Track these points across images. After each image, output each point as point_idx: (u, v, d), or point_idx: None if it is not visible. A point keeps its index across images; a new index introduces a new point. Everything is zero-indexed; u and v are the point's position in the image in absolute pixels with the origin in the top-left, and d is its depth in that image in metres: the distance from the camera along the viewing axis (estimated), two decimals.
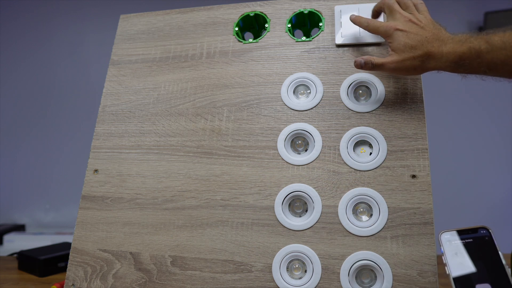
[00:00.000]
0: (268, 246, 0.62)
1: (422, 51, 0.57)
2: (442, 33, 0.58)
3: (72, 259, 0.69)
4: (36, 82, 2.27)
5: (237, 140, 0.69)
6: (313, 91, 0.69)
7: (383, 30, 0.61)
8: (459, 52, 0.56)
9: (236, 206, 0.65)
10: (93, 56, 2.23)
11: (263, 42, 0.74)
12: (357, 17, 0.66)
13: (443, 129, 1.95)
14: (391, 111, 0.64)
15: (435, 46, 0.57)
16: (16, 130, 2.25)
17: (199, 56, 0.76)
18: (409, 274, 0.56)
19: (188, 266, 0.64)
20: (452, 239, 0.50)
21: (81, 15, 2.27)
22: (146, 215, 0.69)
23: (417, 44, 0.58)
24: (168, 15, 0.82)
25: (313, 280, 0.59)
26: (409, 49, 0.58)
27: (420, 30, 0.59)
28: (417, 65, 0.58)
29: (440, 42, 0.57)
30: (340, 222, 0.61)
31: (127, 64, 0.80)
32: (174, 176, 0.70)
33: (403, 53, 0.59)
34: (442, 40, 0.57)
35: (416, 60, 0.58)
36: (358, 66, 0.63)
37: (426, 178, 0.60)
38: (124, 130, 0.75)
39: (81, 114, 2.09)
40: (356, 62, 0.63)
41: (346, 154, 0.64)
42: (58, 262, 0.88)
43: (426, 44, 0.57)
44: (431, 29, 0.59)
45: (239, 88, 0.72)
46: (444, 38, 0.58)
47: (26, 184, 2.24)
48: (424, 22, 0.60)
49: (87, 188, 0.73)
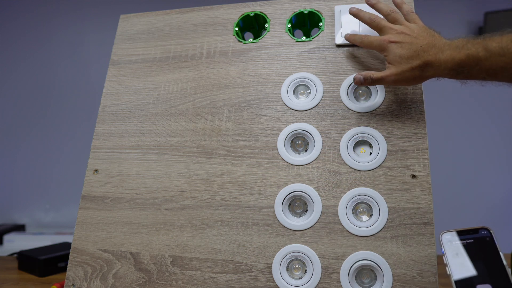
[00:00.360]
0: (268, 246, 0.62)
1: (420, 61, 0.57)
2: (437, 39, 0.58)
3: (72, 259, 0.69)
4: (36, 82, 2.27)
5: (237, 140, 0.69)
6: (313, 91, 0.69)
7: (377, 44, 0.61)
8: (457, 60, 0.55)
9: (236, 206, 0.65)
10: (93, 56, 2.23)
11: (263, 42, 0.74)
12: (351, 34, 0.67)
13: (443, 129, 1.95)
14: (391, 111, 0.64)
15: (432, 54, 0.57)
16: (16, 130, 2.25)
17: (199, 56, 0.76)
18: (409, 274, 0.56)
19: (188, 266, 0.64)
20: (453, 240, 0.50)
21: (81, 15, 2.27)
22: (146, 215, 0.69)
23: (413, 54, 0.58)
24: (168, 15, 0.82)
25: (313, 280, 0.59)
26: (406, 60, 0.58)
27: (413, 39, 0.58)
28: (416, 75, 0.58)
29: (436, 49, 0.57)
30: (340, 222, 0.61)
31: (127, 64, 0.80)
32: (174, 176, 0.70)
33: (401, 65, 0.58)
34: (438, 47, 0.57)
35: (415, 71, 0.58)
36: (358, 83, 0.63)
37: (426, 178, 0.60)
38: (124, 130, 0.75)
39: (81, 114, 2.09)
40: (356, 79, 0.62)
41: (346, 154, 0.64)
42: (58, 262, 0.88)
43: (422, 54, 0.57)
44: (425, 37, 0.58)
45: (239, 88, 0.72)
46: (440, 45, 0.57)
47: (26, 184, 2.24)
48: (416, 31, 0.59)
49: (87, 188, 0.73)
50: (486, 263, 0.47)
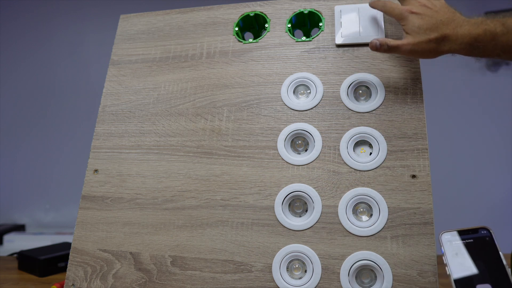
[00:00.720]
0: (268, 246, 0.62)
1: (438, 33, 0.58)
2: (457, 16, 0.59)
3: (72, 259, 0.69)
4: (36, 82, 2.26)
5: (237, 140, 0.69)
6: (313, 91, 0.69)
7: (398, 12, 0.61)
8: (474, 34, 0.56)
9: (236, 206, 0.65)
10: (93, 56, 2.23)
11: (263, 42, 0.74)
12: (375, 0, 0.66)
13: (443, 129, 1.95)
14: (391, 111, 0.64)
15: (450, 28, 0.57)
16: (16, 130, 2.25)
17: (199, 56, 0.76)
18: (409, 274, 0.56)
19: (188, 266, 0.64)
20: (452, 240, 0.50)
21: (81, 15, 2.27)
22: (146, 215, 0.69)
23: (432, 27, 0.58)
24: (168, 15, 0.82)
25: (313, 280, 0.59)
26: (424, 32, 0.58)
27: (434, 13, 0.59)
28: (432, 47, 0.58)
29: (455, 24, 0.58)
30: (340, 222, 0.61)
31: (127, 64, 0.80)
32: (174, 176, 0.70)
33: (418, 35, 0.59)
34: (457, 22, 0.58)
35: (431, 43, 0.58)
36: (373, 48, 0.62)
37: (426, 178, 0.60)
38: (124, 130, 0.75)
39: (81, 114, 2.08)
40: (372, 44, 0.62)
41: (346, 154, 0.64)
42: (58, 262, 0.88)
43: (441, 27, 0.58)
44: (445, 12, 0.59)
45: (239, 88, 0.72)
46: (459, 20, 0.58)
47: (26, 184, 2.24)
48: (438, 6, 0.60)
49: (87, 188, 0.73)
50: (486, 263, 0.47)
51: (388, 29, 0.69)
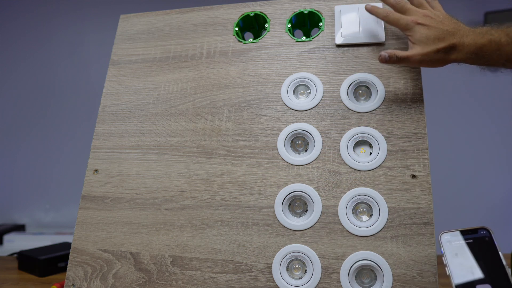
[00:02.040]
0: (268, 246, 0.62)
1: (446, 43, 0.58)
2: (460, 26, 0.60)
3: (72, 259, 0.69)
4: (36, 82, 2.26)
5: (237, 140, 0.69)
6: (313, 91, 0.69)
7: (403, 23, 0.62)
8: (480, 44, 0.57)
9: (236, 206, 0.65)
10: (93, 56, 2.23)
11: (263, 42, 0.74)
12: (373, 7, 0.66)
13: (443, 129, 1.95)
14: (391, 111, 0.64)
15: (457, 38, 0.58)
16: (16, 130, 2.25)
17: (199, 56, 0.76)
18: (409, 274, 0.56)
19: (188, 266, 0.64)
20: (452, 240, 0.50)
21: (81, 15, 2.27)
22: (146, 215, 0.69)
23: (439, 37, 0.59)
24: (168, 15, 0.82)
25: (313, 280, 0.59)
26: (432, 42, 0.59)
27: (439, 23, 0.60)
28: (440, 57, 0.59)
29: (461, 34, 0.59)
30: (340, 222, 0.61)
31: (127, 64, 0.80)
32: (174, 176, 0.70)
33: (427, 45, 0.59)
34: (462, 32, 0.59)
35: (440, 52, 0.59)
36: (382, 61, 0.62)
37: (426, 178, 0.60)
38: (124, 130, 0.75)
39: (81, 114, 2.08)
40: (381, 57, 0.62)
41: (346, 154, 0.64)
42: (58, 262, 0.88)
43: (448, 36, 0.59)
44: (449, 22, 0.60)
45: (239, 88, 0.72)
46: (464, 30, 0.59)
47: (26, 184, 2.24)
48: (441, 16, 0.61)
49: (87, 188, 0.73)
50: (485, 263, 0.47)
51: (388, 29, 0.69)
